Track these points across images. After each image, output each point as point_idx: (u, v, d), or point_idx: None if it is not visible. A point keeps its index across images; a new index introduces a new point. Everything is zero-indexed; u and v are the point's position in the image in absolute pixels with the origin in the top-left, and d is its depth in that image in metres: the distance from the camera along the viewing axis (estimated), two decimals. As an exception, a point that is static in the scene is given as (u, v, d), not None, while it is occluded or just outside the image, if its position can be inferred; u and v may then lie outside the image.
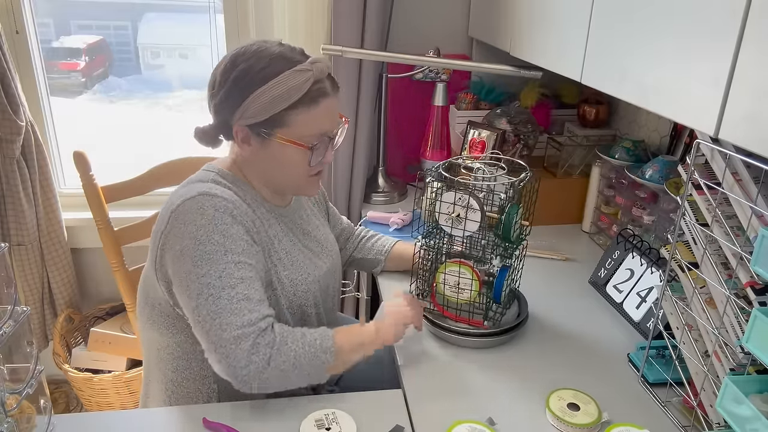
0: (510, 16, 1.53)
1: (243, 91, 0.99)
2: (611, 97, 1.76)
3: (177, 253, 0.97)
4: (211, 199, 0.99)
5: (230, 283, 0.96)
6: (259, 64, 0.99)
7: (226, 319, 0.94)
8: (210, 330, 0.94)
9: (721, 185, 0.86)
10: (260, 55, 1.00)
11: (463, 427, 0.94)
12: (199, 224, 0.97)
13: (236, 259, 0.97)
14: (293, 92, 0.98)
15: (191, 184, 1.05)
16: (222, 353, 0.93)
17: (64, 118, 2.03)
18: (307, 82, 0.99)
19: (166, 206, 1.02)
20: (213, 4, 1.97)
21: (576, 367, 1.11)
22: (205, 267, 0.95)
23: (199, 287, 0.95)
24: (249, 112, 0.99)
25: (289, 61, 1.00)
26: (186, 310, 0.98)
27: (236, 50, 1.03)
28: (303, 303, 1.11)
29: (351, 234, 1.43)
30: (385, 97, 1.83)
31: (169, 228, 0.99)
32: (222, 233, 0.97)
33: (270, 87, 0.98)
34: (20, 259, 1.85)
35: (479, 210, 1.08)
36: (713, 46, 0.76)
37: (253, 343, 0.93)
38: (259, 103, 0.98)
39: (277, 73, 0.98)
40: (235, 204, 1.01)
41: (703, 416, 0.92)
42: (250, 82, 0.98)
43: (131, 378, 1.85)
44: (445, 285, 1.15)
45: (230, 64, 1.01)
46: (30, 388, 0.86)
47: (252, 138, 1.03)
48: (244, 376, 0.93)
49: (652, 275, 1.23)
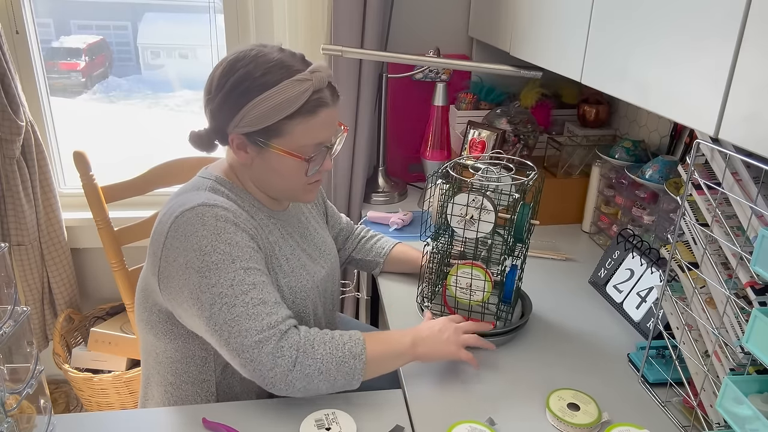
0: (510, 16, 1.53)
1: (240, 99, 0.97)
2: (611, 97, 1.77)
3: (181, 266, 0.95)
4: (211, 209, 0.97)
5: (243, 290, 0.94)
6: (257, 70, 0.97)
7: (245, 324, 0.92)
8: (229, 338, 0.93)
9: (721, 185, 0.86)
10: (259, 62, 0.97)
11: (463, 427, 0.94)
12: (201, 235, 0.95)
13: (245, 265, 0.96)
14: (292, 102, 0.96)
15: (188, 193, 1.03)
16: (246, 358, 0.92)
17: (64, 118, 2.03)
18: (306, 92, 0.97)
19: (165, 216, 1.00)
20: (213, 4, 1.97)
21: (576, 367, 1.11)
22: (213, 277, 0.94)
23: (211, 297, 0.93)
24: (245, 121, 0.97)
25: (289, 70, 0.97)
26: (198, 321, 0.96)
27: (235, 54, 1.00)
28: (301, 310, 1.09)
29: (350, 233, 1.42)
30: (385, 97, 1.83)
31: (170, 240, 0.96)
32: (227, 242, 0.95)
33: (268, 96, 0.96)
34: (20, 259, 1.85)
35: (493, 211, 1.07)
36: (713, 46, 0.76)
37: (275, 346, 0.92)
38: (257, 111, 0.96)
39: (276, 81, 0.96)
40: (235, 212, 0.99)
41: (703, 416, 0.92)
42: (247, 89, 0.96)
43: (131, 378, 1.85)
44: (457, 287, 1.15)
45: (228, 68, 0.99)
46: (30, 388, 0.86)
47: (248, 146, 1.01)
48: (271, 379, 0.92)
49: (652, 275, 1.23)
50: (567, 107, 1.94)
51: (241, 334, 0.92)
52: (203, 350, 1.04)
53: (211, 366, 1.06)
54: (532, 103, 1.82)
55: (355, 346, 0.97)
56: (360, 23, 1.70)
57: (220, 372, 1.06)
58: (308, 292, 1.10)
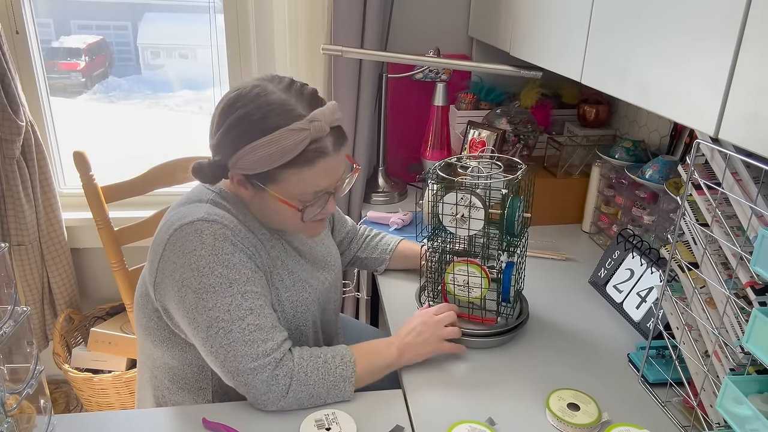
0: (510, 16, 1.53)
1: (236, 141, 0.94)
2: (611, 97, 1.77)
3: (177, 283, 0.95)
4: (210, 225, 0.95)
5: (240, 315, 0.94)
6: (256, 113, 0.92)
7: (241, 350, 0.93)
8: (225, 361, 0.94)
9: (721, 185, 0.86)
10: (259, 103, 0.93)
11: (463, 427, 0.94)
12: (199, 254, 0.94)
13: (242, 289, 0.95)
14: (286, 152, 0.92)
15: (189, 205, 1.02)
16: (240, 381, 0.95)
17: (64, 118, 2.03)
18: (303, 142, 0.92)
19: (165, 226, 0.99)
20: (213, 4, 1.97)
21: (576, 367, 1.11)
22: (210, 300, 0.93)
23: (208, 321, 0.93)
24: (241, 164, 0.95)
25: (287, 116, 0.92)
26: (194, 338, 0.97)
27: (238, 89, 0.96)
28: (301, 324, 1.09)
29: (355, 234, 1.42)
30: (385, 97, 1.83)
31: (167, 253, 0.96)
32: (224, 264, 0.94)
33: (263, 143, 0.92)
34: (20, 259, 1.85)
35: (483, 208, 1.08)
36: (713, 46, 0.76)
37: (270, 375, 0.94)
38: (252, 157, 0.93)
39: (273, 128, 0.92)
40: (235, 230, 0.98)
41: (703, 416, 0.92)
42: (243, 132, 0.93)
43: (131, 378, 1.85)
44: (455, 285, 1.15)
45: (228, 106, 0.95)
46: (30, 388, 0.85)
47: (247, 184, 0.99)
48: (263, 402, 0.96)
49: (652, 275, 1.23)
50: (567, 107, 1.94)
51: (236, 359, 0.93)
52: (200, 359, 1.04)
53: (208, 374, 1.06)
54: (532, 103, 1.82)
55: (346, 369, 1.00)
56: (360, 23, 1.70)
57: (217, 379, 1.06)
58: (309, 305, 1.10)
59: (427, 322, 1.10)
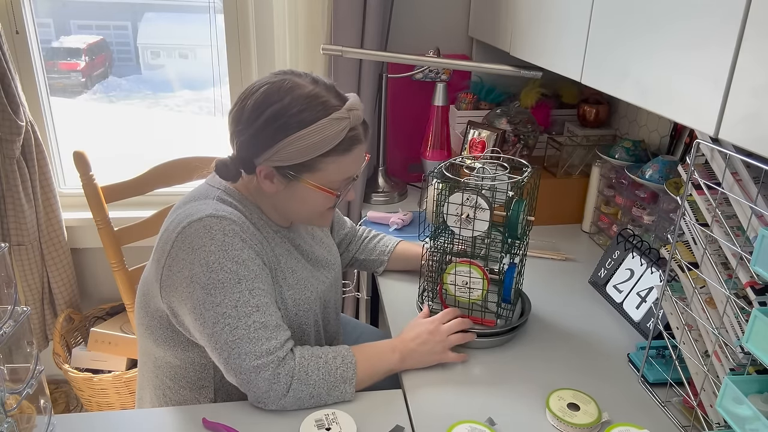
0: (510, 16, 1.53)
1: (276, 134, 0.95)
2: (611, 97, 1.77)
3: (186, 278, 0.95)
4: (219, 222, 0.96)
5: (246, 312, 0.95)
6: (294, 106, 0.95)
7: (245, 348, 0.94)
8: (228, 358, 0.95)
9: (721, 185, 0.86)
10: (295, 95, 0.95)
11: (463, 427, 0.94)
12: (209, 250, 0.94)
13: (250, 286, 0.96)
14: (329, 141, 0.96)
15: (196, 202, 1.02)
16: (243, 379, 0.95)
17: (64, 118, 2.03)
18: (344, 131, 0.97)
19: (172, 225, 0.99)
20: (213, 4, 1.97)
21: (576, 367, 1.11)
22: (219, 296, 0.94)
23: (215, 316, 0.94)
24: (279, 156, 0.96)
25: (326, 107, 0.96)
26: (199, 334, 0.97)
27: (267, 84, 0.97)
28: (303, 322, 1.10)
29: (354, 236, 1.42)
30: (385, 97, 1.83)
31: (175, 250, 0.96)
32: (234, 260, 0.95)
33: (306, 134, 0.94)
34: (20, 259, 1.85)
35: (488, 209, 1.08)
36: (713, 46, 0.76)
37: (273, 373, 0.94)
38: (293, 148, 0.95)
39: (314, 119, 0.95)
40: (243, 226, 0.99)
41: (703, 416, 0.92)
42: (284, 125, 0.94)
43: (131, 378, 1.85)
44: (455, 286, 1.15)
45: (262, 100, 0.96)
46: (30, 388, 0.86)
47: (276, 177, 1.00)
48: (264, 400, 0.96)
49: (652, 275, 1.23)
50: (567, 107, 1.94)
51: (240, 356, 0.94)
52: (202, 357, 1.04)
53: (210, 372, 1.06)
54: (532, 103, 1.82)
55: (347, 371, 1.00)
56: (360, 23, 1.70)
57: (219, 378, 1.07)
58: (311, 304, 1.11)
59: (434, 331, 1.10)
